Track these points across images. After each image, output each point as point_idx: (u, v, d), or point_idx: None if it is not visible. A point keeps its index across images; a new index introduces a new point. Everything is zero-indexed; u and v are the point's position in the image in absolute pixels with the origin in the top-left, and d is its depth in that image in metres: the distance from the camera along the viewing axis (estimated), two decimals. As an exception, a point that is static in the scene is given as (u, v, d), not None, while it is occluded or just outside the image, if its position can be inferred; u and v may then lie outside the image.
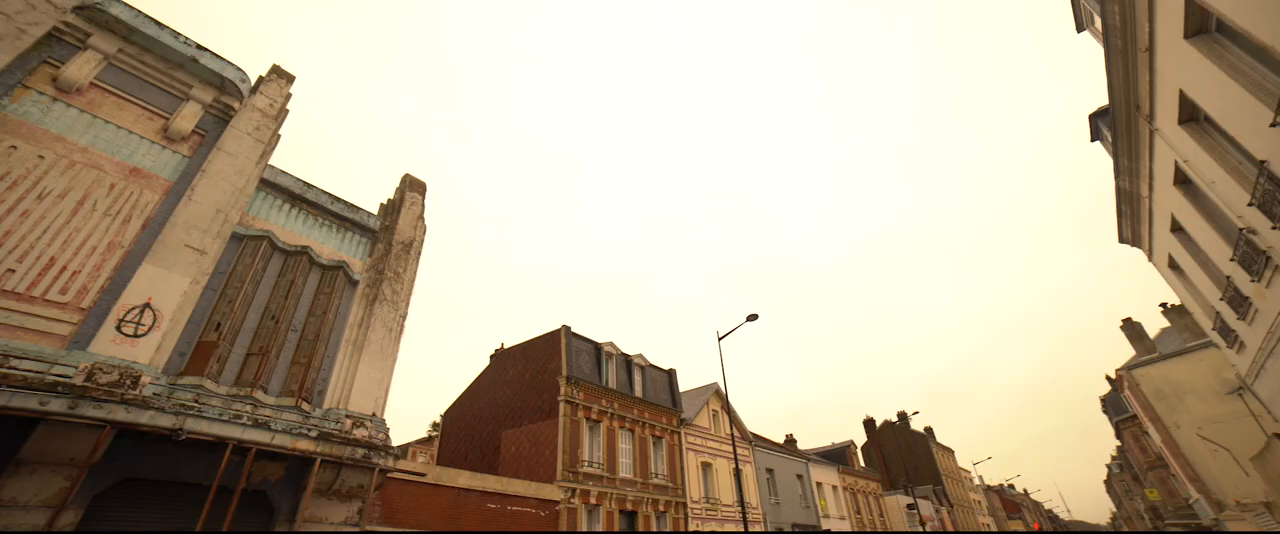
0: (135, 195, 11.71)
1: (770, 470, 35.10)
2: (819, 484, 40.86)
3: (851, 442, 61.68)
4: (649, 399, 26.54)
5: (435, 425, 45.37)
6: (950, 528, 67.03)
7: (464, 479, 16.61)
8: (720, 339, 22.12)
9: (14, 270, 9.68)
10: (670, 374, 30.24)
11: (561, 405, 21.82)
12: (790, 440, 53.48)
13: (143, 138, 12.37)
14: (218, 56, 13.78)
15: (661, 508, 23.83)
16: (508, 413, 24.58)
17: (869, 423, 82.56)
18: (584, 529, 19.80)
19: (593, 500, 20.79)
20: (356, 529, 12.21)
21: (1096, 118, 17.73)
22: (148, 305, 10.68)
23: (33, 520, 8.44)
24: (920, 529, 47.55)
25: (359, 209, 15.49)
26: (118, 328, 10.22)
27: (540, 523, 18.47)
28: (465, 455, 25.85)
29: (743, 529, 23.87)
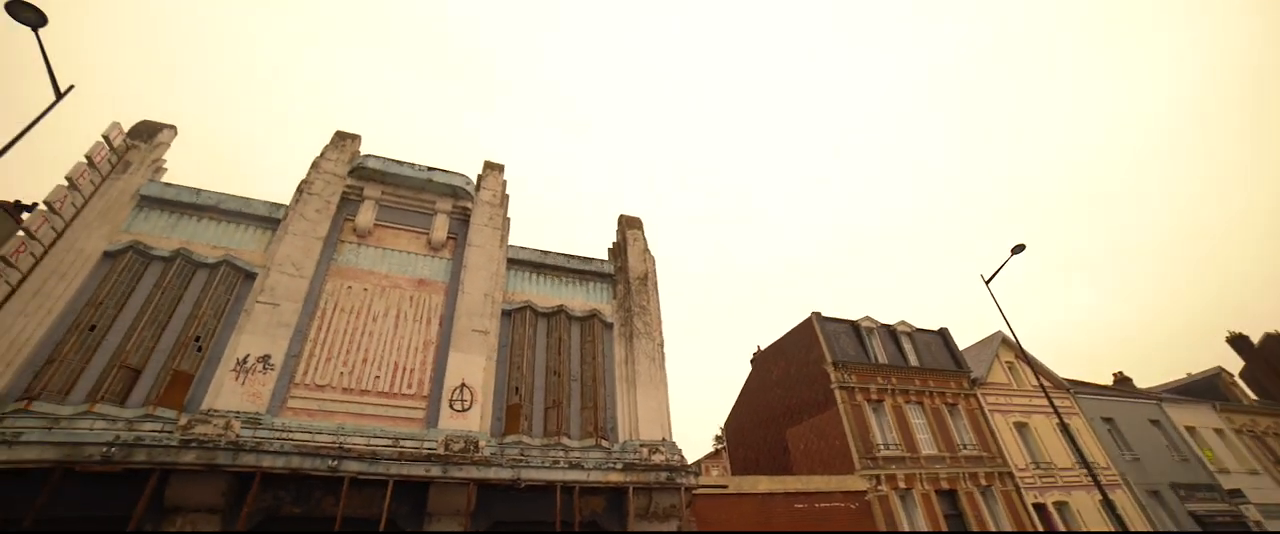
0: (427, 300, 14.56)
1: (1109, 420, 28.70)
2: (1190, 429, 32.08)
3: (1220, 369, 47.21)
4: (927, 365, 24.06)
5: (718, 438, 47.26)
6: None
7: (764, 484, 16.78)
8: (987, 282, 19.17)
9: (379, 376, 12.71)
10: (942, 334, 27.12)
11: (836, 393, 20.94)
12: (1122, 379, 43.21)
13: (417, 254, 15.41)
14: (445, 171, 16.64)
15: (983, 482, 21.04)
16: (785, 411, 24.50)
17: (1239, 340, 61.87)
18: (901, 518, 18.36)
19: (901, 484, 19.24)
20: (682, 547, 12.93)
21: None
22: (464, 384, 13.02)
23: (449, 565, 10.69)
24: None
25: (592, 259, 17.19)
26: (450, 406, 12.63)
27: (853, 517, 17.63)
28: (757, 461, 26.35)
29: (1102, 497, 19.79)
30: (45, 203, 12.14)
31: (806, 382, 23.23)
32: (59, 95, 11.76)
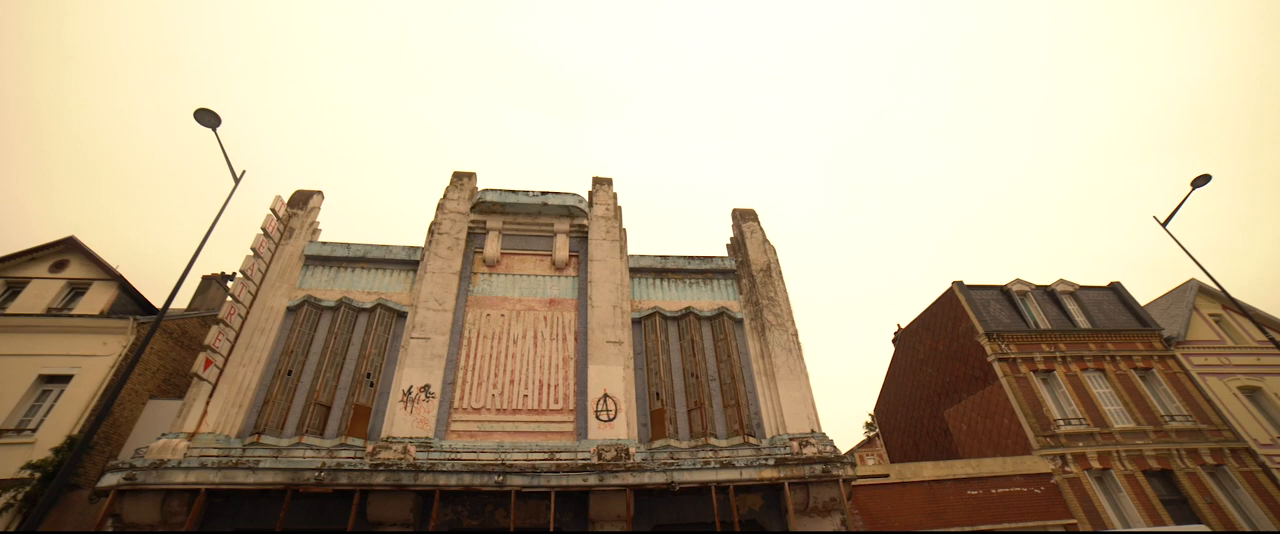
0: (560, 318, 15.47)
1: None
2: None
3: None
4: (1101, 326, 21.54)
5: (869, 424, 45.21)
6: None
7: (928, 471, 15.87)
8: (1165, 224, 16.88)
9: (527, 395, 13.72)
10: (1114, 290, 24.18)
11: (995, 366, 19.37)
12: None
13: (544, 275, 16.44)
14: (557, 193, 17.65)
15: (1209, 460, 18.23)
16: (939, 391, 23.06)
17: None
18: (1100, 503, 16.43)
19: (1094, 464, 17.29)
20: (850, 542, 12.59)
21: None
22: (606, 395, 13.67)
23: (621, 567, 11.26)
24: None
25: (711, 257, 17.44)
26: (596, 416, 13.31)
27: (1038, 502, 16.13)
28: (915, 446, 24.99)
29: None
30: (240, 271, 14.43)
31: (958, 357, 21.70)
32: (236, 180, 13.94)
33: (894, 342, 28.06)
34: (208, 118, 12.60)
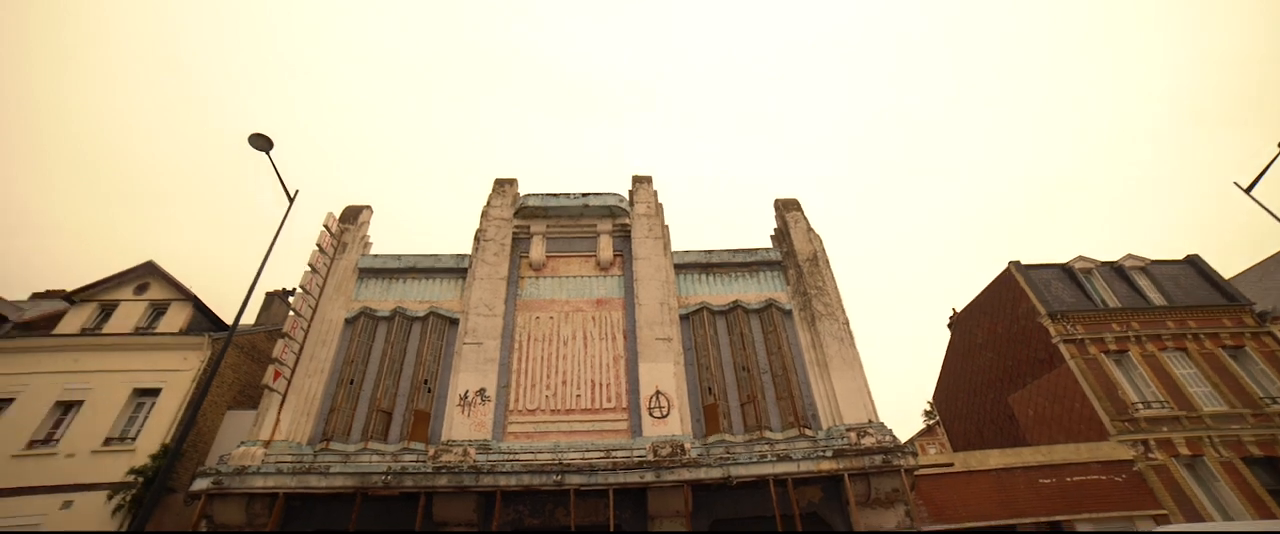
0: (608, 317, 15.70)
1: None
2: None
3: None
4: (1179, 303, 20.27)
5: (928, 412, 43.86)
6: None
7: (995, 459, 15.32)
8: (1248, 189, 15.79)
9: (580, 394, 14.01)
10: (1192, 263, 22.70)
11: (1061, 348, 18.51)
12: None
13: (590, 276, 16.71)
14: (598, 194, 17.90)
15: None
16: (1001, 376, 22.22)
17: None
18: (1193, 492, 15.45)
19: (1182, 450, 16.29)
20: (910, 530, 12.33)
21: None
22: (658, 391, 13.81)
23: (681, 561, 11.40)
24: None
25: (756, 250, 17.39)
26: (650, 413, 13.46)
27: (1121, 491, 15.34)
28: (979, 434, 24.13)
29: None
30: (300, 287, 15.23)
31: (1020, 339, 20.83)
32: (291, 200, 14.68)
33: (950, 327, 27.19)
34: (261, 142, 13.26)
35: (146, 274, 18.81)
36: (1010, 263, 21.60)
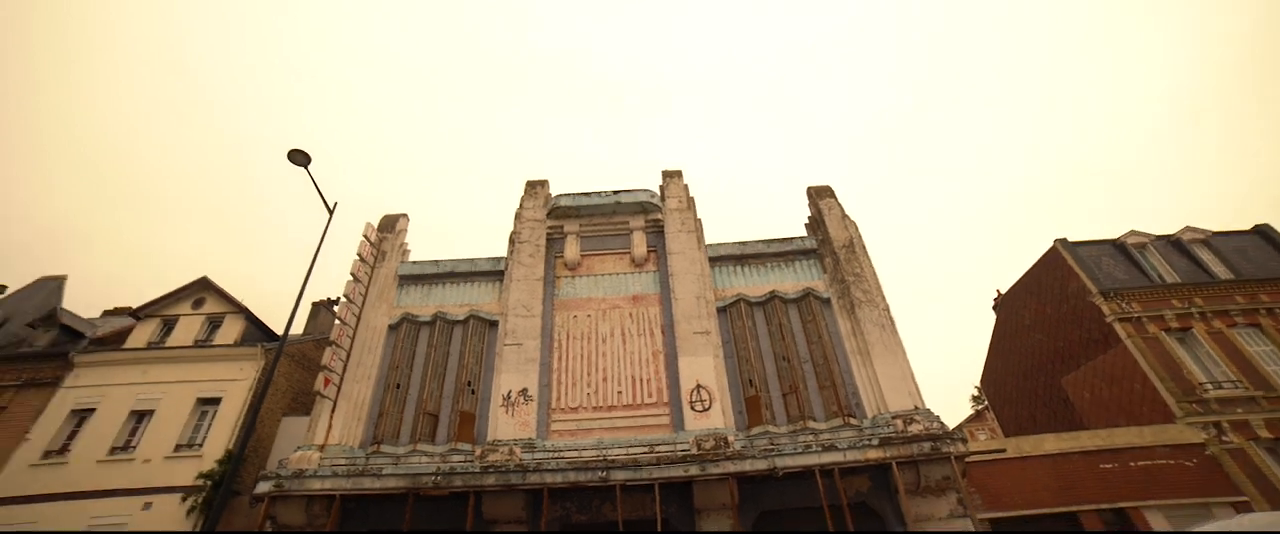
0: (645, 313, 15.79)
1: None
2: None
3: None
4: (1248, 276, 19.14)
5: (975, 397, 42.62)
6: None
7: (1051, 444, 14.81)
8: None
9: (621, 391, 14.16)
10: (1261, 233, 21.42)
11: (1116, 328, 17.74)
12: None
13: (624, 273, 16.82)
14: (629, 191, 17.99)
15: None
16: (1052, 358, 21.44)
17: None
18: (1278, 478, 14.63)
19: (1262, 433, 15.36)
20: (964, 518, 12.04)
21: None
22: (699, 385, 13.84)
23: (729, 552, 11.44)
24: None
25: (790, 239, 17.22)
26: (691, 407, 13.51)
27: (1193, 477, 14.62)
28: (1031, 418, 23.32)
29: None
30: (344, 296, 15.77)
31: (1071, 320, 20.05)
32: (330, 211, 15.17)
33: (995, 309, 26.38)
34: (299, 157, 13.63)
35: (201, 289, 19.75)
36: (1056, 241, 20.82)
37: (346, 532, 12.46)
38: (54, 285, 22.79)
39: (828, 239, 16.66)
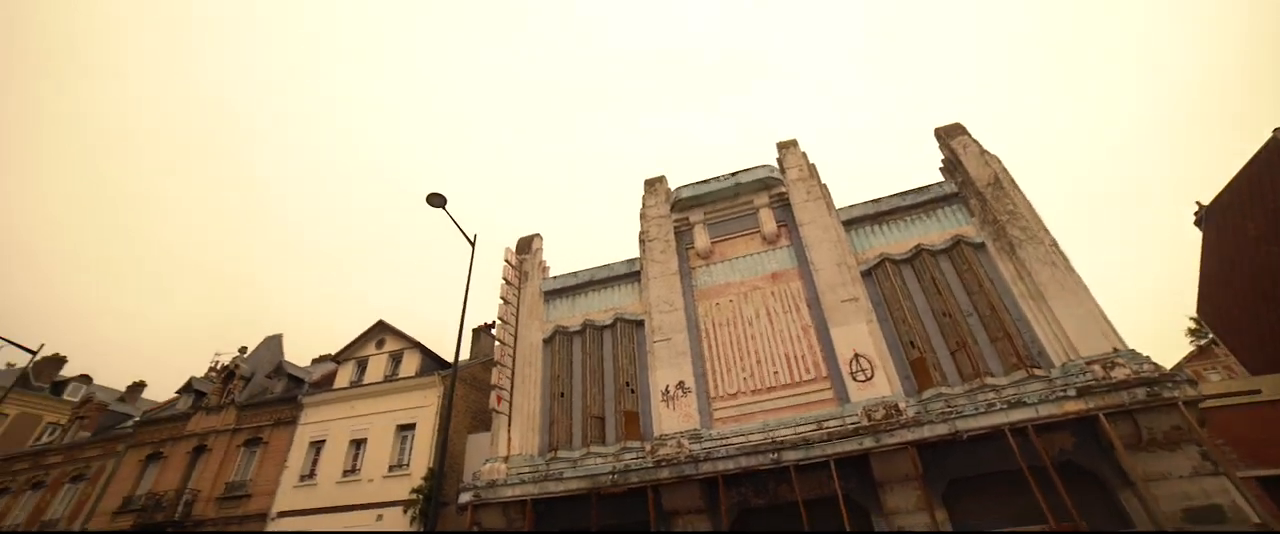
0: (786, 289, 15.54)
1: None
2: None
3: None
4: None
5: (1191, 332, 35.70)
6: None
7: (1329, 378, 12.44)
8: None
9: (777, 371, 14.07)
10: None
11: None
12: None
13: (758, 253, 16.66)
14: (747, 170, 17.78)
15: None
16: (1299, 273, 17.91)
17: None
18: None
19: None
20: (1216, 476, 10.45)
21: None
22: (856, 354, 13.39)
23: (922, 521, 10.94)
24: None
25: (926, 187, 16.02)
26: (853, 378, 13.09)
27: None
28: (1277, 350, 19.61)
29: None
30: (499, 318, 17.19)
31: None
32: (472, 244, 16.51)
33: (1198, 224, 22.51)
34: (437, 199, 14.83)
35: (381, 331, 22.53)
36: (1276, 130, 17.37)
37: (541, 532, 13.65)
38: (275, 341, 27.17)
39: (969, 179, 15.27)
